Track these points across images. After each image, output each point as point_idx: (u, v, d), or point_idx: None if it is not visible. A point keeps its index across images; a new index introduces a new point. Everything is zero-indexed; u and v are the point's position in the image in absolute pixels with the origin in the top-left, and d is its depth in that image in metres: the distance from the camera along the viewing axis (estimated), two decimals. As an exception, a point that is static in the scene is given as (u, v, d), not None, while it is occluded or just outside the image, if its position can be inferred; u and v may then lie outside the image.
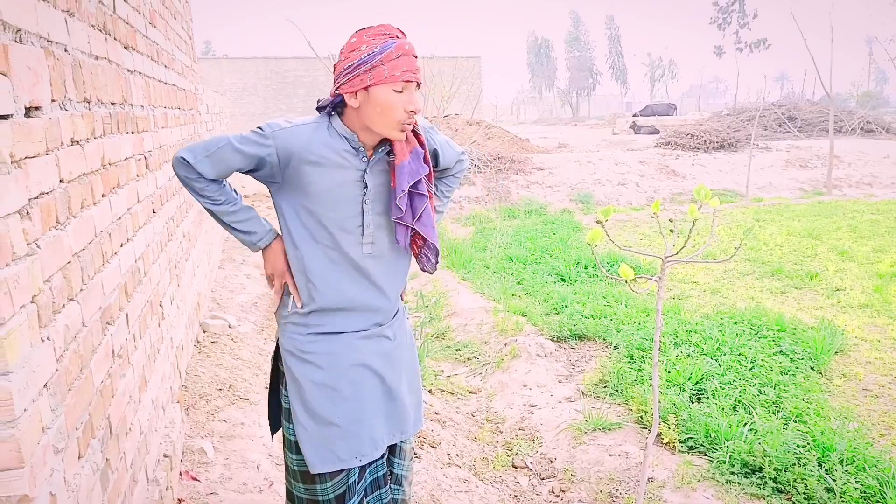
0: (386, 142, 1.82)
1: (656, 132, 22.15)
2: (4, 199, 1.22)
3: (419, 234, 1.87)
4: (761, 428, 3.29)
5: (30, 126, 1.38)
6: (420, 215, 1.84)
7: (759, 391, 3.77)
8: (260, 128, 1.75)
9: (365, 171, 1.80)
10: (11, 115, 1.28)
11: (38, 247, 1.38)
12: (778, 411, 3.56)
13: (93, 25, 2.02)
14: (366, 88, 1.70)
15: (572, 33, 65.07)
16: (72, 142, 1.69)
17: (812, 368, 4.17)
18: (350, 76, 1.70)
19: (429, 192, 1.86)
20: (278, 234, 1.88)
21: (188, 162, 1.71)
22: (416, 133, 1.86)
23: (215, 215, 1.81)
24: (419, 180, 1.81)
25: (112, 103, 2.20)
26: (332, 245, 1.80)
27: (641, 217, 10.60)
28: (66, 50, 1.69)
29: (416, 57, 1.75)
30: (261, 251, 1.88)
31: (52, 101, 1.55)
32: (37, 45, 1.46)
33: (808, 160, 14.36)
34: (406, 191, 1.78)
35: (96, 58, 2.02)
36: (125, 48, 2.50)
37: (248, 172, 1.78)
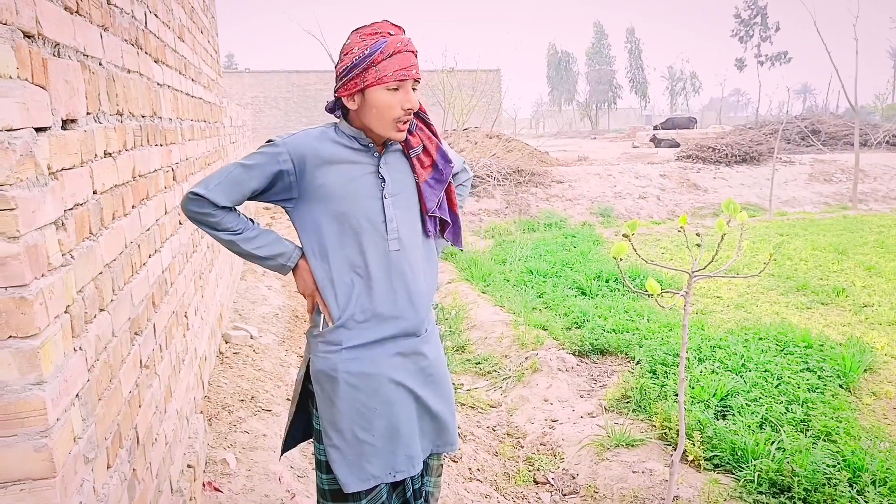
0: None
1: (677, 145, 22.02)
2: (42, 211, 1.24)
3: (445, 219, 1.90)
4: (789, 446, 3.22)
5: (66, 138, 1.40)
6: (442, 203, 1.86)
7: (787, 408, 3.70)
8: (269, 140, 1.75)
9: (378, 165, 1.78)
10: (49, 128, 1.30)
11: (72, 257, 1.40)
12: (806, 429, 3.49)
13: (125, 40, 2.05)
14: (361, 91, 1.69)
15: (595, 46, 65.07)
16: (105, 154, 1.72)
17: (841, 386, 4.08)
18: (345, 79, 1.70)
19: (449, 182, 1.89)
20: (302, 251, 1.84)
21: (200, 195, 1.66)
22: (427, 123, 1.85)
23: (237, 246, 1.75)
24: (444, 182, 1.84)
25: (143, 116, 2.23)
26: (358, 249, 1.75)
27: (663, 231, 10.52)
28: (100, 64, 1.72)
29: (414, 52, 1.72)
30: (292, 273, 1.84)
31: (87, 113, 1.57)
32: (74, 59, 1.48)
33: (833, 174, 14.17)
34: (436, 207, 1.82)
35: (128, 71, 2.05)
36: (155, 62, 2.54)
37: (262, 194, 1.74)
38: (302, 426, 2.01)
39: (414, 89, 1.73)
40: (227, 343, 4.43)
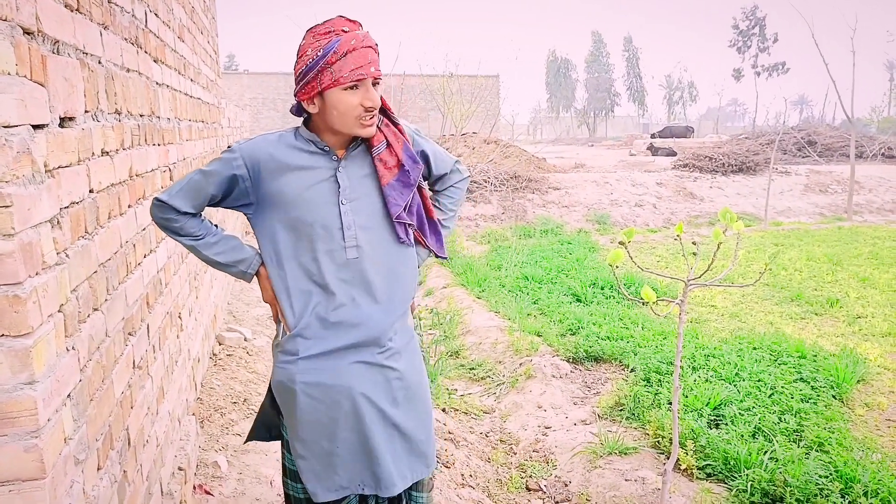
0: (355, 139, 1.74)
1: (674, 154, 22.09)
2: (37, 209, 1.23)
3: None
4: (782, 456, 3.22)
5: (63, 136, 1.39)
6: (409, 206, 1.78)
7: (780, 418, 3.70)
8: (229, 146, 1.72)
9: (336, 170, 1.72)
10: (47, 125, 1.29)
11: (66, 256, 1.39)
12: (799, 440, 3.50)
13: (125, 38, 2.04)
14: (319, 93, 1.63)
15: (593, 53, 65.29)
16: (102, 152, 1.71)
17: (834, 397, 4.09)
18: (302, 83, 1.64)
19: (419, 186, 1.83)
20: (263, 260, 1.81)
21: (163, 201, 1.66)
22: (394, 123, 1.78)
23: (198, 252, 1.74)
24: (408, 182, 1.76)
25: (141, 115, 2.22)
26: (313, 255, 1.70)
27: (658, 239, 10.54)
28: (100, 62, 1.71)
29: (372, 47, 1.64)
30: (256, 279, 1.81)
31: (86, 111, 1.57)
32: (73, 57, 1.48)
33: (828, 185, 14.24)
34: (404, 212, 1.75)
35: (127, 70, 2.05)
36: (154, 61, 2.54)
37: (223, 200, 1.72)
38: (269, 424, 1.97)
39: (375, 85, 1.66)
40: (220, 345, 4.41)
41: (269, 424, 1.96)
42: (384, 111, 1.77)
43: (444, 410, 4.20)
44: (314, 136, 1.71)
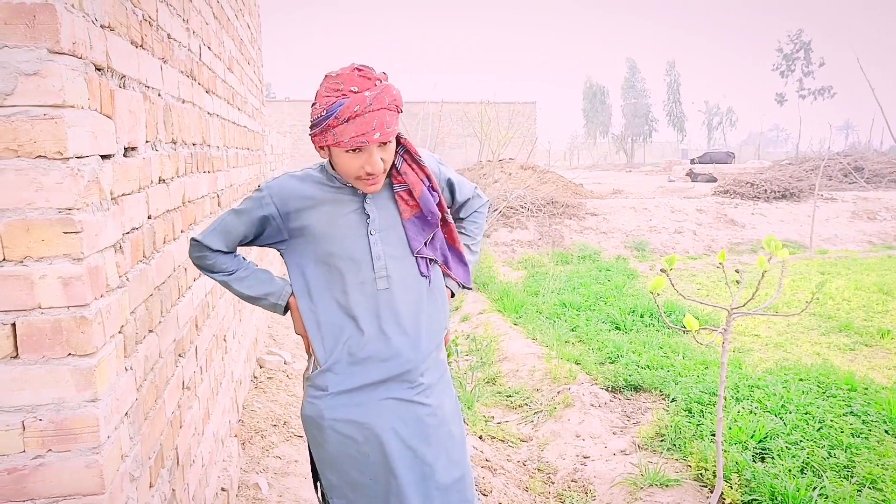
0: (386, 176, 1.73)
1: (714, 180, 21.80)
2: (103, 234, 1.29)
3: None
4: (832, 493, 3.11)
5: (127, 165, 1.47)
6: (430, 241, 1.76)
7: (829, 453, 3.58)
8: (258, 186, 1.75)
9: (363, 201, 1.72)
10: (113, 155, 1.37)
11: (127, 279, 1.46)
12: (850, 476, 3.37)
13: (182, 71, 2.14)
14: (326, 147, 1.65)
15: (628, 80, 65.15)
16: (159, 180, 1.79)
17: (887, 432, 3.94)
18: (312, 132, 1.65)
19: (444, 217, 1.80)
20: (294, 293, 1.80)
21: (198, 241, 1.71)
22: (419, 165, 1.75)
23: (230, 287, 1.77)
24: (429, 218, 1.74)
25: (193, 144, 2.32)
26: (344, 288, 1.70)
27: (699, 266, 10.37)
28: (159, 94, 1.80)
29: (385, 107, 1.58)
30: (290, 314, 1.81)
31: (146, 142, 1.65)
32: (137, 91, 1.56)
33: (877, 212, 13.84)
34: (422, 247, 1.74)
35: (183, 101, 2.14)
36: (206, 92, 2.64)
37: (256, 240, 1.76)
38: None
39: (385, 143, 1.62)
40: (261, 367, 4.48)
41: None
42: (409, 153, 1.75)
43: (480, 438, 4.18)
44: (339, 174, 1.72)
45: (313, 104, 1.64)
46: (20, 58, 1.11)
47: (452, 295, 1.96)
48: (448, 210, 1.86)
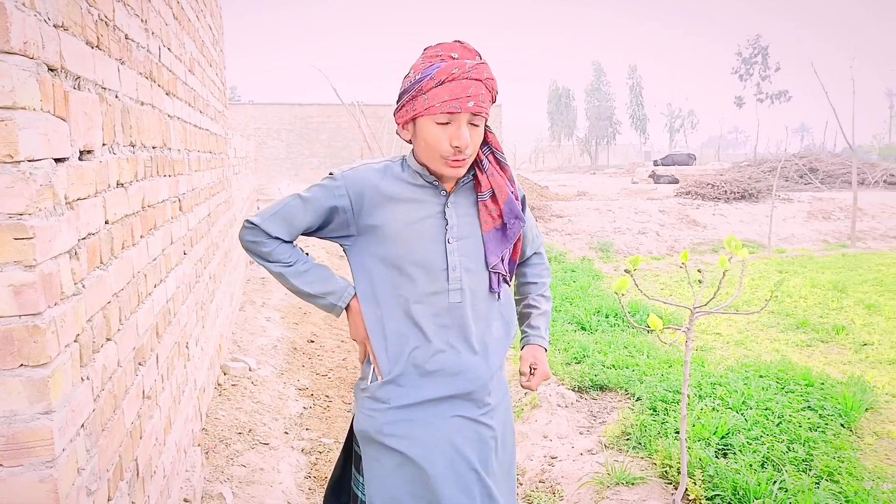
0: (469, 172, 1.61)
1: (676, 182, 22.20)
2: (57, 240, 1.25)
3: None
4: (792, 486, 3.19)
5: (83, 169, 1.43)
6: (504, 257, 1.64)
7: (788, 447, 3.67)
8: (330, 173, 1.62)
9: (444, 205, 1.59)
10: (68, 159, 1.33)
11: (83, 287, 1.42)
12: (808, 469, 3.46)
13: (140, 73, 2.09)
14: (412, 120, 1.53)
15: (594, 84, 66.00)
16: (117, 184, 1.74)
17: (842, 425, 4.06)
18: (399, 104, 1.55)
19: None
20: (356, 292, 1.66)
21: (255, 224, 1.58)
22: (502, 166, 1.64)
23: (287, 280, 1.61)
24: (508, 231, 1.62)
25: (153, 147, 2.27)
26: (415, 297, 1.57)
27: (662, 266, 10.54)
28: (117, 96, 1.76)
29: (480, 80, 1.48)
30: (346, 314, 1.66)
31: (103, 144, 1.61)
32: (93, 92, 1.52)
33: (831, 212, 14.27)
34: (498, 262, 1.62)
35: (142, 103, 2.10)
36: (167, 94, 2.59)
37: (320, 230, 1.63)
38: (341, 484, 1.81)
39: (475, 124, 1.51)
40: (225, 374, 4.41)
41: (339, 490, 1.80)
42: (493, 152, 1.64)
43: (449, 440, 4.17)
44: (421, 167, 1.59)
45: (405, 76, 1.54)
46: (-33, 58, 1.07)
47: None
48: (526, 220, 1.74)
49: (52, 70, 1.26)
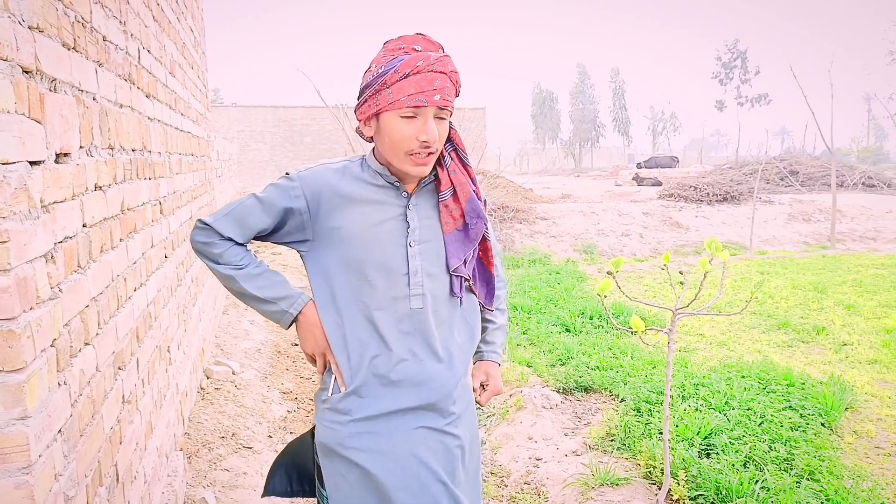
0: (431, 172, 1.55)
1: (659, 184, 22.37)
2: (33, 244, 1.24)
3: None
4: (773, 485, 3.22)
5: (59, 172, 1.41)
6: (467, 259, 1.57)
7: (770, 447, 3.71)
8: (287, 173, 1.54)
9: (406, 207, 1.53)
10: (43, 161, 1.31)
11: (60, 291, 1.40)
12: (790, 468, 3.50)
13: (119, 75, 2.08)
14: (375, 115, 1.46)
15: (578, 86, 66.38)
16: (96, 187, 1.72)
17: (823, 425, 4.10)
18: (361, 101, 1.48)
19: (485, 236, 1.61)
20: (312, 299, 1.57)
21: (207, 224, 1.49)
22: (465, 163, 1.59)
23: (236, 283, 1.51)
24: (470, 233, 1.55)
25: (133, 150, 2.24)
26: (376, 303, 1.50)
27: (645, 268, 10.61)
28: (94, 98, 1.74)
29: (445, 73, 1.43)
30: (295, 326, 1.57)
31: (81, 147, 1.59)
32: (69, 94, 1.50)
33: (811, 214, 14.46)
34: (460, 265, 1.55)
35: (121, 106, 2.08)
36: (147, 96, 2.57)
37: (275, 234, 1.55)
38: (287, 479, 1.75)
39: (441, 118, 1.46)
40: (208, 378, 4.37)
41: (292, 474, 1.74)
42: (456, 149, 1.58)
43: (434, 443, 4.16)
44: (382, 167, 1.52)
45: (366, 71, 1.47)
46: (-61, 59, 1.05)
47: None
48: (488, 224, 1.65)
49: (26, 72, 1.25)
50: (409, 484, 1.50)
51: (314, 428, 1.62)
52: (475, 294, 1.67)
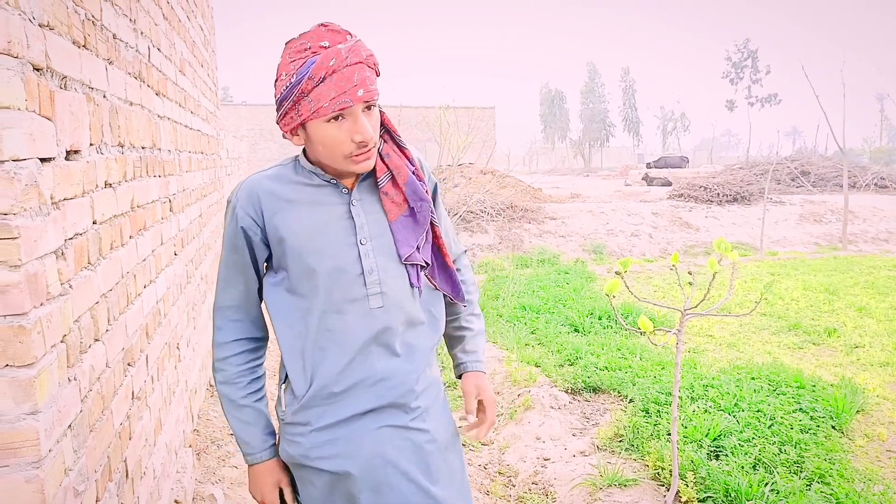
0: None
1: (669, 184, 22.28)
2: (43, 240, 1.24)
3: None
4: (783, 488, 3.20)
5: (69, 169, 1.42)
6: (421, 246, 1.50)
7: (780, 449, 3.68)
8: (228, 200, 1.47)
9: (349, 204, 1.45)
10: (54, 158, 1.32)
11: (70, 287, 1.40)
12: (800, 471, 3.47)
13: (129, 73, 2.08)
14: (301, 125, 1.37)
15: (588, 85, 66.22)
16: (105, 184, 1.73)
17: (833, 427, 4.07)
18: (281, 113, 1.38)
19: (431, 221, 1.53)
20: (275, 457, 1.54)
21: (218, 305, 1.51)
22: (400, 147, 1.51)
23: (223, 402, 1.55)
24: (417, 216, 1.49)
25: (143, 147, 2.26)
26: (332, 308, 1.43)
27: (655, 268, 10.57)
28: (104, 96, 1.74)
29: (362, 61, 1.33)
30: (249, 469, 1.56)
31: (91, 144, 1.60)
32: (79, 92, 1.51)
33: (823, 215, 14.34)
34: (412, 252, 1.48)
35: (131, 104, 2.08)
36: (157, 94, 2.58)
37: (259, 273, 1.50)
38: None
39: (369, 108, 1.37)
40: (217, 375, 4.39)
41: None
42: (389, 134, 1.50)
43: (442, 442, 4.16)
44: (315, 167, 1.44)
45: (276, 80, 1.37)
46: (-49, 56, 1.06)
47: None
48: (434, 211, 1.56)
49: (37, 69, 1.25)
50: (376, 485, 1.46)
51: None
52: (435, 286, 1.58)
